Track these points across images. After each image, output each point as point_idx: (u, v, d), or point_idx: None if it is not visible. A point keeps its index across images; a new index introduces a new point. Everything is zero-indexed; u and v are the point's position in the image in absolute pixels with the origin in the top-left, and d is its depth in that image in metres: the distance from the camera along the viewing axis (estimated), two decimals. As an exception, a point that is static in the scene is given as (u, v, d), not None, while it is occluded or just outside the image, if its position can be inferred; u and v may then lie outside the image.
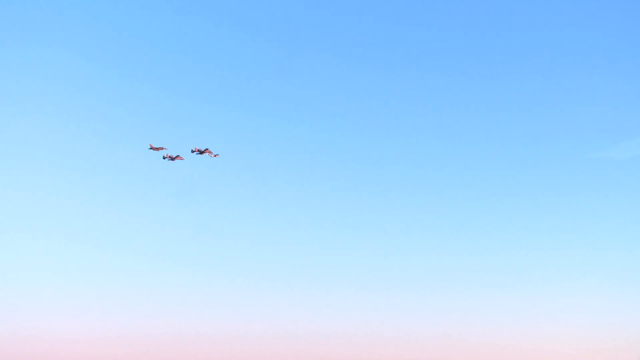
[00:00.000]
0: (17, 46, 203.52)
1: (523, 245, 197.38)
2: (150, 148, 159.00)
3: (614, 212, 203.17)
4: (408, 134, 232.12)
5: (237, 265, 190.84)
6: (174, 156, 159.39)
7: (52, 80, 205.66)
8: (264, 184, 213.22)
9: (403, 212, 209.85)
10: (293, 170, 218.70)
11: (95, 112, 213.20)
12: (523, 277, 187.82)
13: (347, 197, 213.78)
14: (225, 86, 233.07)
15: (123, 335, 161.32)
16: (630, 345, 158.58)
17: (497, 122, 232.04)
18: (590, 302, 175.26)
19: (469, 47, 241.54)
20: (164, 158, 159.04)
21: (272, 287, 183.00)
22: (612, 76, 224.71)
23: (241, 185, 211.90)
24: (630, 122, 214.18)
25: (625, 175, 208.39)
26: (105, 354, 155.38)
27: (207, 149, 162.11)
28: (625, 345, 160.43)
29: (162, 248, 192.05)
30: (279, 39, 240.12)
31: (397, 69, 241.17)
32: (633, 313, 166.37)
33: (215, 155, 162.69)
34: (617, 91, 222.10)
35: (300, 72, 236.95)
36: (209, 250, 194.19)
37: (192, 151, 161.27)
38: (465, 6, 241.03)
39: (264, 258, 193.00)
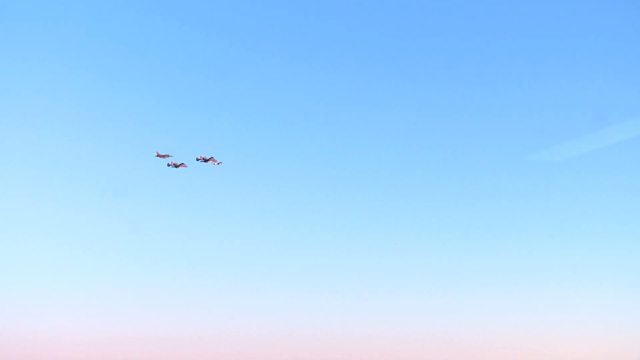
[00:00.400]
0: (22, 53, 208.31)
1: (521, 246, 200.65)
2: (157, 156, 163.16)
3: (555, 213, 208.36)
4: (403, 138, 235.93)
5: (239, 267, 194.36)
6: (178, 164, 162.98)
7: (60, 89, 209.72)
8: (266, 190, 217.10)
9: (402, 214, 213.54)
10: (296, 174, 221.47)
11: (103, 121, 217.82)
12: (523, 277, 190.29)
13: (348, 199, 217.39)
14: (230, 94, 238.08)
15: (123, 336, 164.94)
16: (630, 345, 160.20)
17: (429, 126, 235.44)
18: (589, 302, 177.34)
19: (415, 53, 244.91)
20: (169, 165, 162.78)
21: (273, 288, 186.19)
22: (545, 81, 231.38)
23: (244, 192, 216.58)
24: (562, 126, 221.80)
25: (560, 178, 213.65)
26: (105, 355, 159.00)
27: (211, 157, 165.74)
28: (625, 345, 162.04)
29: (163, 251, 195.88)
30: (285, 48, 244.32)
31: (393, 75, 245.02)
32: (633, 313, 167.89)
33: (218, 164, 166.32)
34: (550, 95, 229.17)
35: (306, 80, 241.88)
36: (211, 253, 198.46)
37: (197, 159, 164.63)
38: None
39: (266, 260, 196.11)
